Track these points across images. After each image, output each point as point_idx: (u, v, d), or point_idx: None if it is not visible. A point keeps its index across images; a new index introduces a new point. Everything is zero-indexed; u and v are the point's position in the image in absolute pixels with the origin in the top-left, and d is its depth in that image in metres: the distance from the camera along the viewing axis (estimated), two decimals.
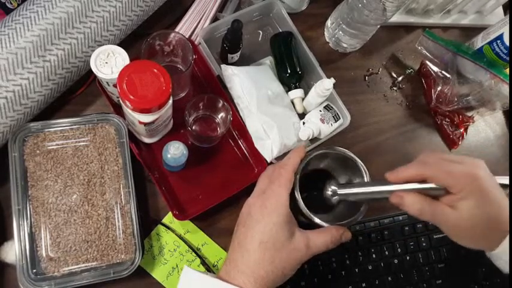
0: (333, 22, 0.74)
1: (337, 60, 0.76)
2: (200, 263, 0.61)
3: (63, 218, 0.55)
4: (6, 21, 0.54)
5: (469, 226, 0.44)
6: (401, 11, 0.78)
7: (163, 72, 0.50)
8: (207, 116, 0.66)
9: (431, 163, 0.45)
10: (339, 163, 0.62)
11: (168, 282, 0.59)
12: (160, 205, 0.62)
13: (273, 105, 0.65)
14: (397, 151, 0.73)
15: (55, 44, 0.55)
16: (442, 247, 0.68)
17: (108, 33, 0.59)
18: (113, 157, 0.59)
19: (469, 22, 0.82)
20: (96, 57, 0.54)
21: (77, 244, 0.55)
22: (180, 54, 0.62)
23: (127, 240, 0.56)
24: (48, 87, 0.57)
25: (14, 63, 0.53)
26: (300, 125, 0.66)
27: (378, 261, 0.65)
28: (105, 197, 0.57)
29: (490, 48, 0.73)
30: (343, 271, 0.64)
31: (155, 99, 0.50)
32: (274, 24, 0.74)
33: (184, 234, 0.62)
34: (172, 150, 0.57)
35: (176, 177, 0.63)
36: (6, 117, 0.54)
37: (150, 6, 0.63)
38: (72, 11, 0.55)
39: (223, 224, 0.64)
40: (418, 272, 0.66)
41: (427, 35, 0.76)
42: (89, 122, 0.59)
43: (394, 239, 0.67)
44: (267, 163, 0.63)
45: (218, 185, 0.64)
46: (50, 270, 0.54)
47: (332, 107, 0.67)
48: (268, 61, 0.70)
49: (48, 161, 0.57)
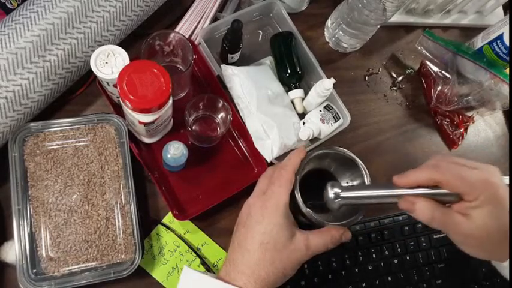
0: (333, 22, 0.74)
1: (337, 60, 0.76)
2: (200, 263, 0.61)
3: (63, 218, 0.55)
4: (6, 21, 0.54)
5: (482, 236, 0.41)
6: (401, 11, 0.78)
7: (163, 72, 0.50)
8: (207, 116, 0.66)
9: (444, 167, 0.42)
10: (339, 163, 0.62)
11: (168, 282, 0.59)
12: (160, 205, 0.62)
13: (273, 105, 0.65)
14: (397, 151, 0.73)
15: (55, 44, 0.55)
16: (442, 247, 0.68)
17: (108, 33, 0.59)
18: (112, 157, 0.59)
19: (469, 22, 0.82)
20: (96, 57, 0.54)
21: (77, 244, 0.55)
22: (180, 54, 0.62)
23: (127, 240, 0.56)
24: (48, 87, 0.57)
25: (14, 63, 0.53)
26: (300, 125, 0.66)
27: (377, 261, 0.65)
28: (105, 197, 0.57)
29: (490, 48, 0.73)
30: (343, 271, 0.64)
31: (155, 99, 0.50)
32: (274, 24, 0.74)
33: (184, 234, 0.62)
34: (172, 150, 0.57)
35: (176, 177, 0.63)
36: (6, 117, 0.54)
37: (150, 6, 0.63)
38: (72, 11, 0.55)
39: (223, 224, 0.64)
40: (418, 272, 0.66)
41: (427, 35, 0.76)
42: (89, 122, 0.59)
43: (394, 239, 0.67)
44: (267, 163, 0.63)
45: (218, 185, 0.64)
46: (50, 270, 0.54)
47: (332, 107, 0.67)
48: (268, 61, 0.70)
49: (48, 161, 0.57)
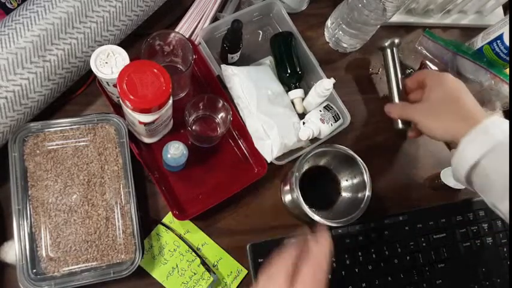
0: (333, 22, 0.74)
1: (337, 60, 0.76)
2: (200, 263, 0.61)
3: (63, 218, 0.55)
4: (6, 21, 0.54)
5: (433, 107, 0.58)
6: (401, 11, 0.78)
7: (163, 72, 0.50)
8: (207, 116, 0.66)
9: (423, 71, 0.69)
10: (338, 161, 0.63)
11: (168, 282, 0.59)
12: (160, 205, 0.62)
13: (273, 105, 0.65)
14: (397, 151, 0.73)
15: (55, 44, 0.55)
16: (442, 247, 0.68)
17: (108, 33, 0.59)
18: (112, 157, 0.59)
19: (469, 22, 0.82)
20: (96, 57, 0.54)
21: (77, 244, 0.55)
22: (180, 54, 0.62)
23: (127, 240, 0.56)
24: (48, 87, 0.57)
25: (14, 63, 0.53)
26: (300, 125, 0.66)
27: (378, 261, 0.65)
28: (105, 197, 0.57)
29: (490, 48, 0.73)
30: (343, 271, 0.64)
31: (155, 99, 0.50)
32: (274, 24, 0.74)
33: (184, 234, 0.62)
34: (172, 150, 0.57)
35: (176, 177, 0.63)
36: (6, 117, 0.54)
37: (150, 6, 0.63)
38: (72, 11, 0.55)
39: (223, 224, 0.64)
40: (418, 272, 0.66)
41: (427, 35, 0.76)
42: (89, 122, 0.59)
43: (394, 239, 0.67)
44: (266, 163, 0.63)
45: (218, 185, 0.64)
46: (50, 270, 0.54)
47: (332, 107, 0.67)
48: (268, 61, 0.70)
49: (48, 161, 0.57)
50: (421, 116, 0.60)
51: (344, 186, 0.64)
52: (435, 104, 0.58)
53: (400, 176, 0.72)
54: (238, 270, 0.62)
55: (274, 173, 0.66)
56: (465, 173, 0.52)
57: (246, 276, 0.62)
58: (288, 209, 0.65)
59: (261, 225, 0.64)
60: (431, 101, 0.59)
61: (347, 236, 0.65)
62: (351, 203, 0.61)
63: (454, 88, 0.58)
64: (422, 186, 0.72)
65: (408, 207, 0.70)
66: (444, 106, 0.57)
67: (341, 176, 0.64)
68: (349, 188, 0.63)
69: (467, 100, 0.57)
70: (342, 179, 0.64)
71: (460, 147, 0.53)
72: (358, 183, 0.61)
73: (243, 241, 0.63)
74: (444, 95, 0.58)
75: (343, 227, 0.65)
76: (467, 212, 0.70)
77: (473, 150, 0.51)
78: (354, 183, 0.62)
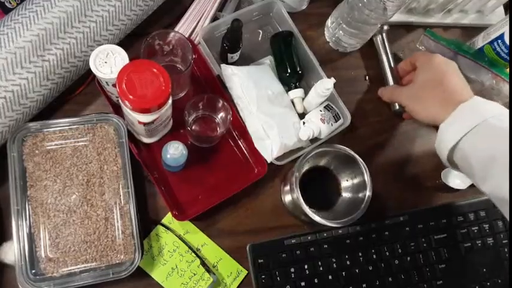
0: (333, 21, 0.73)
1: (337, 60, 0.75)
2: (200, 264, 0.60)
3: (62, 218, 0.55)
4: (5, 21, 0.54)
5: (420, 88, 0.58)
6: (402, 11, 0.78)
7: (163, 71, 0.50)
8: (207, 116, 0.65)
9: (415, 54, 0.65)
10: (339, 161, 0.63)
11: (167, 283, 0.59)
12: (159, 205, 0.62)
13: (273, 105, 0.65)
14: (397, 151, 0.73)
15: (54, 43, 0.55)
16: (443, 248, 0.68)
17: (108, 33, 0.59)
18: (112, 157, 0.59)
19: (469, 21, 0.81)
20: (95, 57, 0.54)
21: (76, 245, 0.55)
22: (179, 53, 0.62)
23: (126, 241, 0.56)
24: (47, 87, 0.56)
25: (13, 62, 0.52)
26: (300, 125, 0.66)
27: (378, 261, 0.65)
28: (104, 197, 0.57)
29: (491, 47, 0.73)
30: (343, 271, 0.64)
31: (155, 99, 0.50)
32: (274, 23, 0.74)
33: (183, 235, 0.62)
34: (171, 150, 0.56)
35: (176, 178, 0.63)
36: (5, 117, 0.54)
37: (149, 6, 0.62)
38: (71, 10, 0.55)
39: (223, 224, 0.63)
40: (418, 272, 0.66)
41: (428, 34, 0.76)
42: (88, 122, 0.59)
43: (394, 240, 0.66)
44: (266, 163, 0.63)
45: (218, 186, 0.64)
46: (49, 271, 0.54)
47: (332, 107, 0.67)
48: (268, 61, 0.70)
49: (47, 161, 0.57)
50: (407, 99, 0.60)
51: (344, 187, 0.64)
52: (420, 86, 0.59)
53: (401, 176, 0.71)
54: (238, 270, 0.62)
55: (274, 173, 0.66)
56: (445, 156, 0.54)
57: (246, 276, 0.62)
58: (288, 209, 0.65)
59: (261, 226, 0.64)
60: (417, 83, 0.59)
61: (347, 237, 0.65)
62: (351, 204, 0.61)
63: (439, 70, 0.57)
64: (423, 186, 0.72)
65: (409, 207, 0.69)
66: (428, 89, 0.57)
67: (341, 176, 0.64)
68: (349, 188, 0.63)
69: (451, 83, 0.56)
70: (342, 179, 0.64)
71: (439, 131, 0.54)
72: (358, 184, 0.61)
73: (243, 241, 0.62)
74: (429, 77, 0.58)
75: (344, 228, 0.65)
76: (468, 213, 0.70)
77: (451, 134, 0.52)
78: (354, 183, 0.62)
